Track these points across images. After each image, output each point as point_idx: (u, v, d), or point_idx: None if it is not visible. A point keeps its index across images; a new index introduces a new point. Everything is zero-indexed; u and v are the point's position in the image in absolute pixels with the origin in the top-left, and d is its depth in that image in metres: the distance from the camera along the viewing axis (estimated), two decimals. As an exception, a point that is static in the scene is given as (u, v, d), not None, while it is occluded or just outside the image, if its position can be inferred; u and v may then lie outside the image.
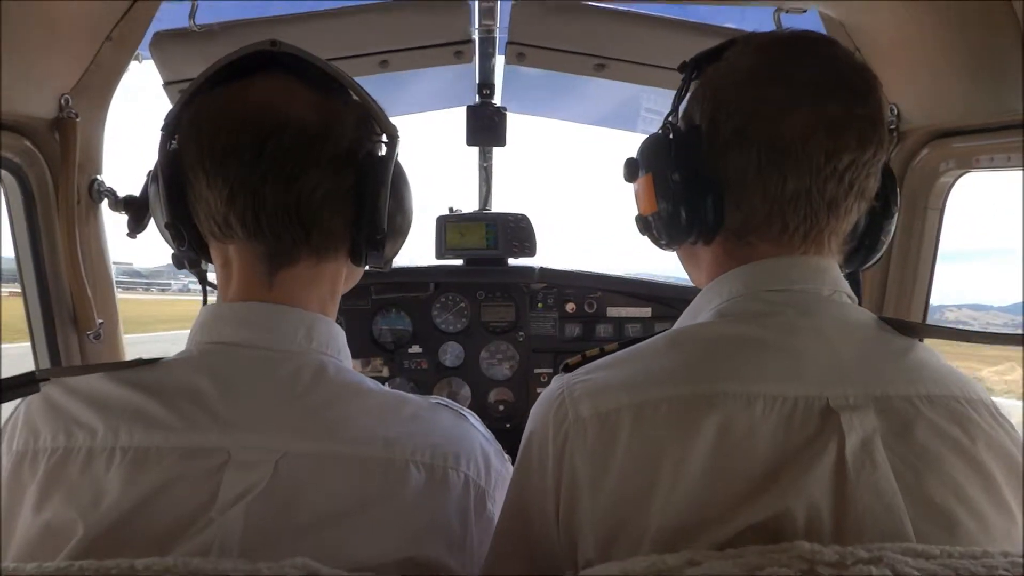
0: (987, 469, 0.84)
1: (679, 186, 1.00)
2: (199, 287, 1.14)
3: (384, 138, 1.04)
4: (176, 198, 0.97)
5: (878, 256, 1.07)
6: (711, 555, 0.73)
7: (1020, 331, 0.98)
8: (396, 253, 1.12)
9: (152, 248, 1.60)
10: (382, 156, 1.03)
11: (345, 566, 0.77)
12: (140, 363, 0.95)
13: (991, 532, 0.81)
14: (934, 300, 1.74)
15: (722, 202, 0.97)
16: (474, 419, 1.07)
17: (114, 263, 1.79)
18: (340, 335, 1.04)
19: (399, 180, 1.04)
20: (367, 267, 1.08)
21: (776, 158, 0.92)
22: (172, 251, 1.04)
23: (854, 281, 1.05)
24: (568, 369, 0.99)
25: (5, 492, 0.88)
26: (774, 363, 0.88)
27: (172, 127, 0.98)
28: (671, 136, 1.03)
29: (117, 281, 1.84)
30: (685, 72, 1.07)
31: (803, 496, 0.79)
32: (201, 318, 1.00)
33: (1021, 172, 1.46)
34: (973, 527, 0.80)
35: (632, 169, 1.10)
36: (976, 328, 1.03)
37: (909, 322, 0.98)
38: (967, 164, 1.58)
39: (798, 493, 0.79)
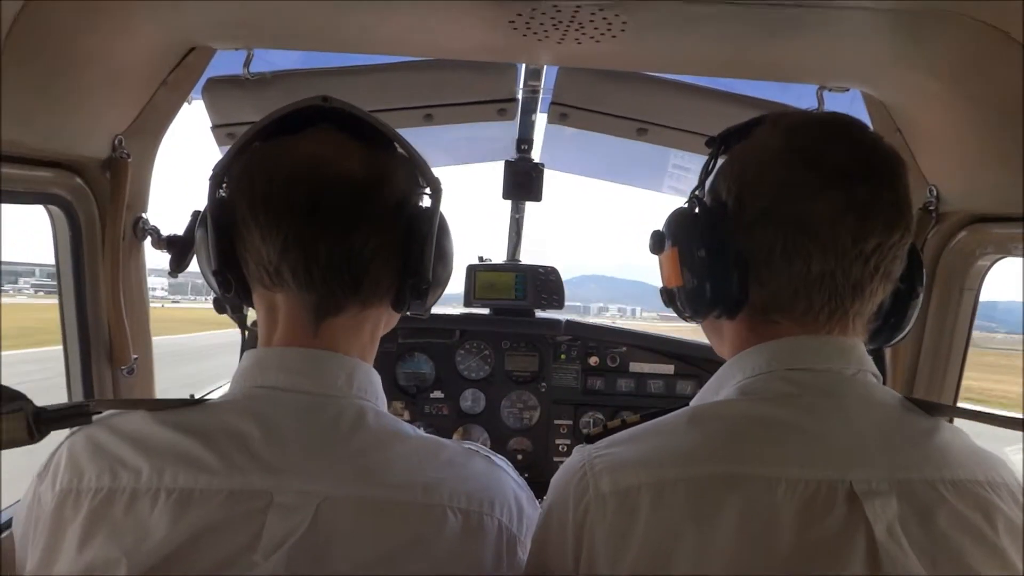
0: (1009, 557, 0.84)
1: (704, 262, 1.00)
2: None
3: (428, 190, 1.07)
4: (225, 246, 0.99)
5: (903, 334, 1.07)
6: None
7: None
8: (437, 300, 1.14)
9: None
10: (427, 208, 1.05)
11: None
12: (185, 403, 0.96)
13: None
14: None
15: (747, 280, 0.98)
16: (506, 465, 1.08)
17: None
18: (377, 380, 1.06)
19: (442, 230, 1.06)
20: (407, 313, 1.10)
21: (802, 240, 0.93)
22: (216, 296, 1.06)
23: (878, 358, 1.05)
24: (590, 440, 1.00)
25: (48, 530, 0.89)
26: (796, 445, 0.88)
27: (221, 176, 1.00)
28: (697, 211, 1.04)
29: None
30: (713, 147, 1.09)
31: None
32: (245, 363, 1.01)
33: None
34: None
35: (659, 241, 1.11)
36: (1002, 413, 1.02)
37: (935, 403, 0.98)
38: (1005, 250, 1.59)
39: None
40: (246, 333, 1.17)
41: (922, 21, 1.26)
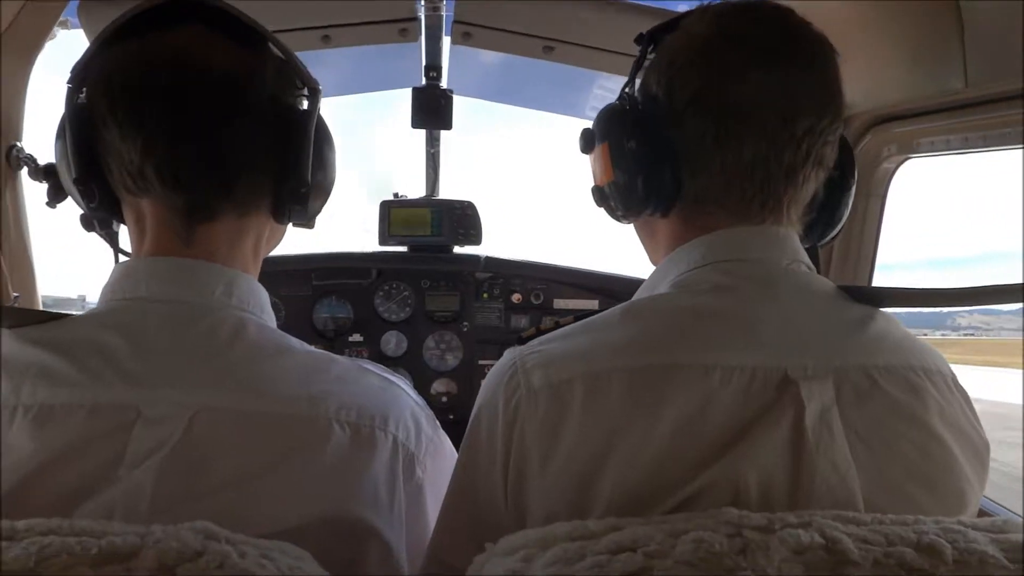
0: (944, 441, 0.84)
1: (635, 155, 0.98)
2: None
3: (306, 92, 1.01)
4: (85, 153, 0.92)
5: (836, 231, 1.07)
6: (633, 521, 0.71)
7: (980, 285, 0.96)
8: (320, 210, 1.09)
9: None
10: (304, 109, 1.00)
11: (262, 525, 0.73)
12: (49, 316, 0.90)
13: (946, 503, 0.82)
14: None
15: (679, 171, 0.96)
16: (404, 384, 1.04)
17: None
18: (263, 294, 1.00)
19: (322, 134, 1.01)
20: (291, 224, 1.06)
21: (732, 125, 0.92)
22: (81, 211, 0.99)
23: (813, 255, 1.04)
24: (521, 342, 0.97)
25: None
26: (732, 334, 0.87)
27: (80, 79, 0.93)
28: (627, 106, 1.02)
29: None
30: (642, 44, 1.06)
31: (756, 465, 0.78)
32: (112, 276, 0.94)
33: (958, 156, 1.49)
34: (926, 500, 0.81)
35: (588, 139, 1.09)
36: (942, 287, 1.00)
37: (868, 289, 0.98)
38: (908, 149, 1.60)
39: (752, 461, 0.78)
40: (118, 256, 1.08)
41: None
